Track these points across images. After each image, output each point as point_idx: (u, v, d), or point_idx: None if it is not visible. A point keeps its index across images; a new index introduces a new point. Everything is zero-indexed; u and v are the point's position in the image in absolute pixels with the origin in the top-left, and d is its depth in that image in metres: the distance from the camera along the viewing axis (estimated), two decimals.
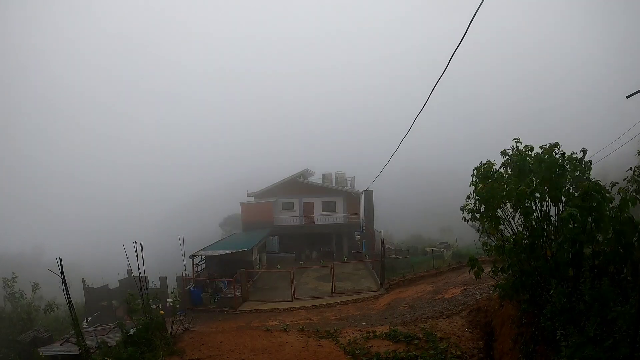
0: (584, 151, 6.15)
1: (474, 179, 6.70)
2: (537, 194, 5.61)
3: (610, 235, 4.59)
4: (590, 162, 6.04)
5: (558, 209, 5.64)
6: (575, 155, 6.11)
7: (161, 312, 12.59)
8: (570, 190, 5.59)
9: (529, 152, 6.41)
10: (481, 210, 6.23)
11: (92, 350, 10.37)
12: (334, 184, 34.52)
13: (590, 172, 5.92)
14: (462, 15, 6.52)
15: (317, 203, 33.18)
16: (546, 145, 6.32)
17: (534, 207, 5.67)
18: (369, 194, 31.45)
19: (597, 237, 4.85)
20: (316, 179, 36.74)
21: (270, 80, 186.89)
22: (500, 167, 6.76)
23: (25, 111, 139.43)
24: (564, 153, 6.08)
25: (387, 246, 27.43)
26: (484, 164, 6.81)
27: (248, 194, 34.12)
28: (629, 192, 4.69)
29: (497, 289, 6.15)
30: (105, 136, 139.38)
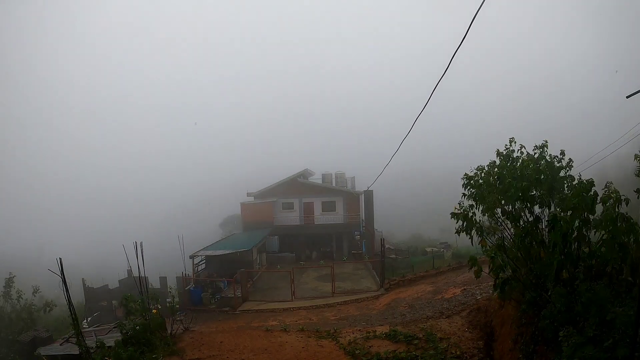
0: (562, 153, 6.67)
1: (465, 189, 7.08)
2: (517, 201, 6.03)
3: (605, 235, 4.62)
4: (570, 161, 6.47)
5: (546, 211, 5.85)
6: (560, 159, 6.61)
7: (154, 310, 12.52)
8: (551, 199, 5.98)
9: (514, 162, 6.92)
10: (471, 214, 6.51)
11: (92, 350, 10.37)
12: (334, 184, 34.54)
13: (565, 174, 6.29)
14: (467, 20, 6.56)
15: (317, 203, 33.19)
16: (536, 147, 6.81)
17: (525, 212, 5.99)
18: (368, 194, 31.45)
19: (589, 237, 4.92)
20: (316, 179, 36.75)
21: (270, 80, 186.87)
22: (489, 173, 7.13)
23: (25, 111, 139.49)
24: (546, 159, 6.59)
25: (387, 246, 27.44)
26: (472, 170, 7.26)
27: (248, 194, 34.12)
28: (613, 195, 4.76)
29: (496, 289, 6.18)
30: (104, 136, 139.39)
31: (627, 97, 8.01)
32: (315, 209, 33.21)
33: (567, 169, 6.52)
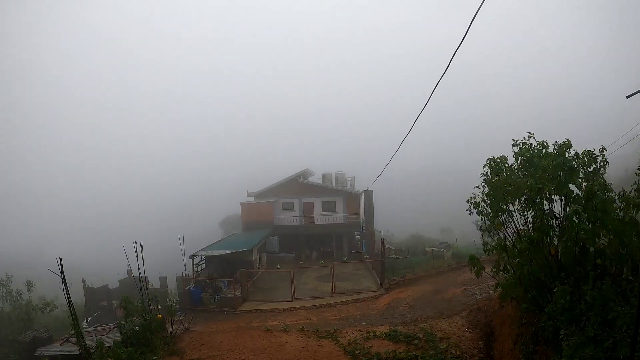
0: (603, 149, 6.03)
1: (486, 170, 6.77)
2: (547, 192, 5.66)
3: (612, 235, 4.60)
4: (606, 161, 5.96)
5: (564, 209, 5.69)
6: (593, 154, 6.04)
7: (159, 316, 12.53)
8: (579, 193, 5.60)
9: (542, 150, 6.48)
10: (489, 201, 6.27)
11: (92, 350, 10.37)
12: (334, 184, 34.49)
13: (602, 172, 5.89)
14: (466, 19, 6.52)
15: (317, 203, 33.16)
16: (557, 142, 6.37)
17: (543, 204, 5.74)
18: (368, 194, 31.41)
19: (600, 236, 4.88)
20: (316, 179, 36.71)
21: (270, 80, 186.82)
22: (513, 163, 6.83)
23: (26, 111, 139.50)
24: (576, 153, 6.09)
25: (387, 246, 27.42)
26: (498, 157, 6.89)
27: (248, 194, 34.10)
28: (632, 195, 4.72)
29: (499, 288, 6.14)
30: (105, 137, 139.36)
31: (627, 97, 7.98)
32: (315, 209, 33.17)
33: (602, 169, 5.98)
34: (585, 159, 5.95)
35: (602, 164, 5.91)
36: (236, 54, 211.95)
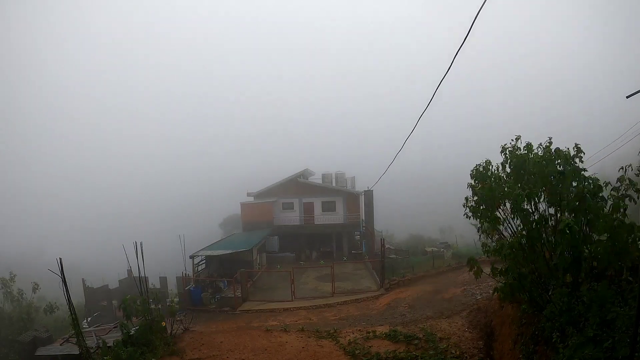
0: (577, 148, 6.03)
1: (473, 180, 6.79)
2: (535, 198, 5.67)
3: (605, 238, 4.63)
4: (580, 150, 5.99)
5: (556, 211, 5.69)
6: (568, 152, 6.06)
7: (163, 323, 12.52)
8: (570, 196, 5.59)
9: (528, 153, 6.48)
10: (481, 209, 6.28)
11: (92, 350, 10.38)
12: (334, 184, 34.50)
13: (583, 174, 5.88)
14: (464, 18, 6.51)
15: (317, 203, 33.16)
16: (541, 144, 6.39)
17: (531, 209, 5.75)
18: (368, 194, 31.43)
19: (593, 238, 4.90)
20: (316, 179, 36.71)
21: (270, 80, 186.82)
22: (499, 167, 6.84)
23: (26, 111, 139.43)
24: (565, 154, 6.06)
25: (387, 246, 27.41)
26: (483, 162, 6.90)
27: (248, 194, 34.10)
28: (621, 192, 4.72)
29: (497, 291, 6.16)
30: (105, 136, 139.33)
31: (627, 97, 7.99)
32: (315, 209, 33.17)
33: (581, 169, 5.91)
34: (562, 158, 5.96)
35: (578, 158, 5.93)
36: (236, 54, 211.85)
